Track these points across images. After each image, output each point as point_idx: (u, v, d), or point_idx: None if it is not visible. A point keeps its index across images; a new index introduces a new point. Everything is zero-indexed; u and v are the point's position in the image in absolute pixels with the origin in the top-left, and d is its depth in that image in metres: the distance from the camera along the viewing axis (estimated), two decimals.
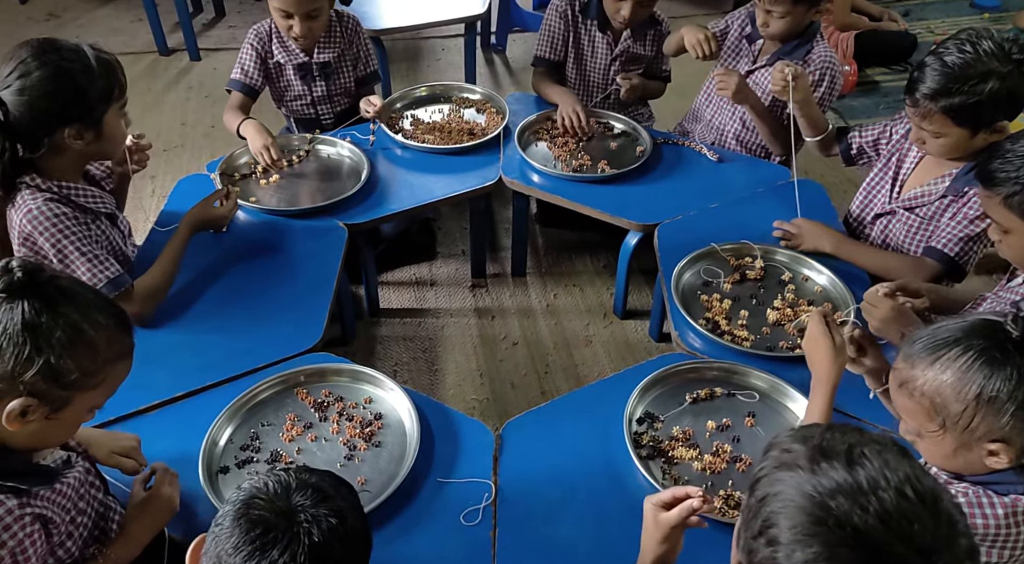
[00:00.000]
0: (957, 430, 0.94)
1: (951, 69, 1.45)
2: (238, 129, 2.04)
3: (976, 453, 0.95)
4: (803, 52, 2.03)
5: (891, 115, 3.15)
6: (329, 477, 0.88)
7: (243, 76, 2.13)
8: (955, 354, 0.92)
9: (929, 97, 1.48)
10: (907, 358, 0.98)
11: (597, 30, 2.28)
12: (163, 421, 1.41)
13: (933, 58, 1.49)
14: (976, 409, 0.91)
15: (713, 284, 1.71)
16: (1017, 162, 1.21)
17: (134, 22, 3.78)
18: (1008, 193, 1.22)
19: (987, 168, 1.26)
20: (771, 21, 1.97)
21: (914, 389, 0.96)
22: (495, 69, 3.57)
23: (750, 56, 2.14)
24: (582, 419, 1.42)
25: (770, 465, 0.72)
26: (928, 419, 0.96)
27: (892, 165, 1.79)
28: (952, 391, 0.92)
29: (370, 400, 1.45)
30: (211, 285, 1.68)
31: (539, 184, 2.05)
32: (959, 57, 1.45)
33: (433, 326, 2.29)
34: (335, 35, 2.15)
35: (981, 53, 1.44)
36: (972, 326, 0.93)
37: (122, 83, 1.48)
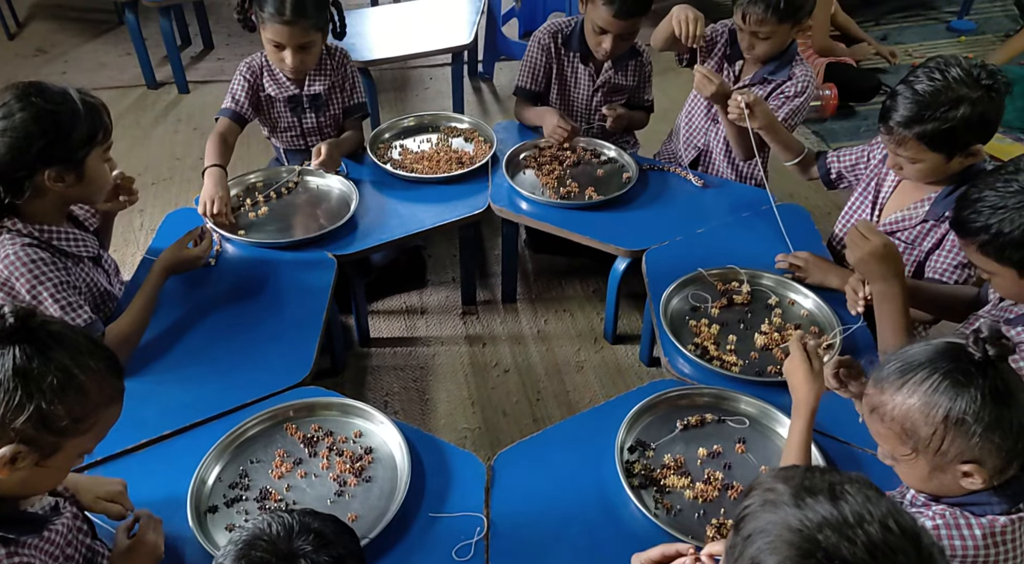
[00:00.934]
0: (929, 453, 0.95)
1: (922, 97, 1.48)
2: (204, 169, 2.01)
3: (950, 475, 0.96)
4: (786, 71, 2.07)
5: (872, 138, 3.23)
6: (333, 522, 0.88)
7: (233, 104, 2.14)
8: (921, 378, 0.93)
9: (903, 124, 1.51)
10: (876, 383, 0.99)
11: (579, 62, 2.31)
12: (151, 460, 1.39)
13: (904, 86, 1.53)
14: (945, 432, 0.92)
15: (701, 309, 1.72)
16: (987, 212, 1.23)
17: (122, 56, 3.80)
18: (982, 242, 1.25)
19: (959, 218, 1.29)
20: (757, 43, 2.01)
21: (884, 414, 0.98)
22: (482, 97, 3.61)
23: (730, 76, 2.17)
24: (573, 448, 1.42)
25: (755, 504, 0.73)
26: (900, 443, 0.97)
27: (871, 190, 1.81)
28: (920, 415, 0.94)
29: (360, 434, 1.44)
30: (199, 319, 1.68)
31: (527, 211, 2.06)
32: (929, 85, 1.48)
33: (424, 355, 2.28)
34: (325, 68, 2.17)
35: (950, 80, 1.47)
36: (937, 349, 0.94)
37: (107, 126, 1.49)
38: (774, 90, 2.10)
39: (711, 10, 4.13)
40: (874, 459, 1.35)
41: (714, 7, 4.19)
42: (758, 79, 2.10)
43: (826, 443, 1.39)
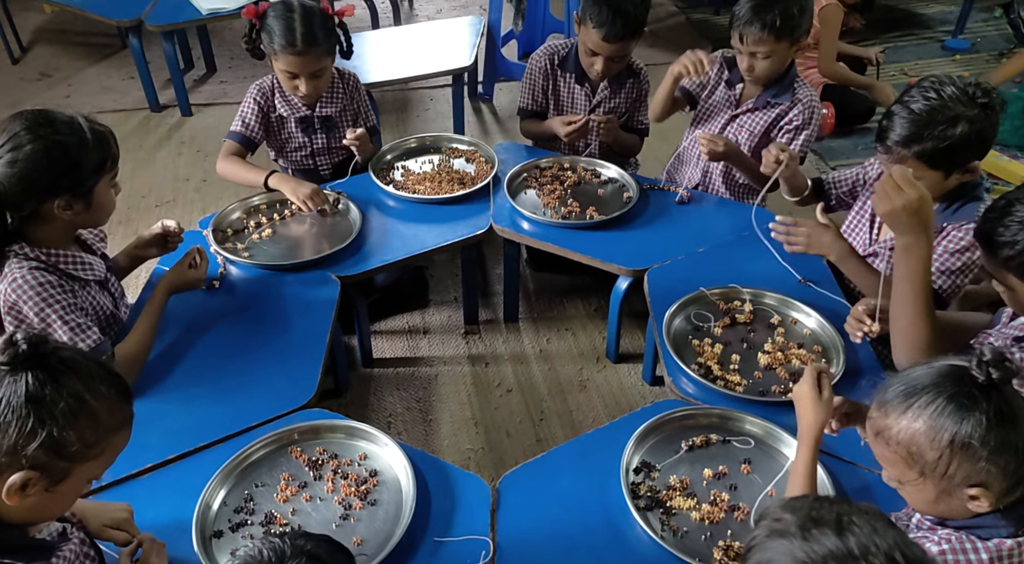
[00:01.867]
0: (935, 477, 0.95)
1: (919, 115, 1.50)
2: (266, 182, 2.06)
3: (957, 498, 0.96)
4: (788, 94, 2.09)
5: (870, 156, 3.25)
6: (326, 543, 0.87)
7: (243, 128, 2.17)
8: (925, 401, 0.94)
9: (901, 143, 1.53)
10: (880, 406, 0.99)
11: (575, 82, 2.34)
12: (155, 485, 1.39)
13: (900, 106, 1.54)
14: (951, 456, 0.92)
15: (704, 328, 1.72)
16: (1015, 227, 1.23)
17: (125, 79, 3.84)
18: (1007, 256, 1.25)
19: (985, 231, 1.28)
20: (756, 64, 2.03)
21: (889, 438, 0.98)
22: (482, 118, 3.64)
23: (731, 101, 2.20)
24: (579, 470, 1.42)
25: (762, 534, 0.74)
26: (907, 467, 0.97)
27: (868, 208, 1.82)
28: (926, 439, 0.94)
29: (365, 456, 1.44)
30: (203, 342, 1.68)
31: (529, 231, 2.07)
32: (925, 104, 1.50)
33: (427, 375, 2.28)
34: (337, 91, 2.20)
35: (946, 98, 1.49)
36: (940, 372, 0.95)
37: (115, 154, 1.51)
38: (778, 117, 2.12)
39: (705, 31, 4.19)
40: (879, 480, 1.35)
41: (707, 28, 4.25)
42: (761, 104, 2.12)
43: (832, 464, 1.39)
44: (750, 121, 2.16)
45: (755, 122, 2.16)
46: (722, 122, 2.22)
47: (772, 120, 2.13)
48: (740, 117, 2.18)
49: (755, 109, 2.14)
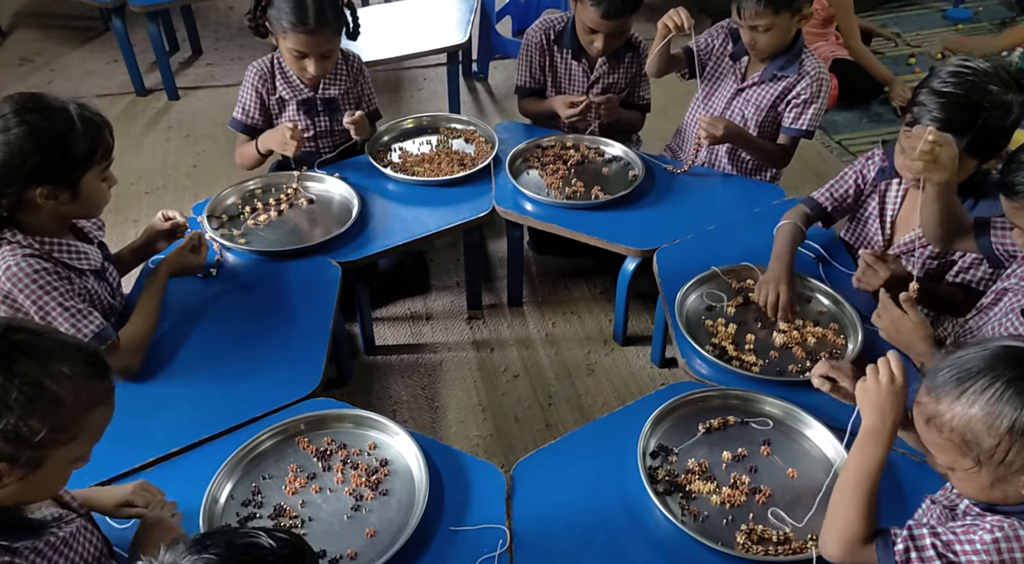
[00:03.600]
0: (992, 465, 0.91)
1: (963, 101, 1.42)
2: (258, 149, 2.08)
3: (1013, 485, 0.93)
4: (795, 66, 2.03)
5: (873, 128, 3.22)
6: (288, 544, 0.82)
7: (244, 117, 2.14)
8: (982, 386, 0.90)
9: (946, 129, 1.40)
10: (931, 391, 0.95)
11: (572, 58, 2.28)
12: (160, 479, 1.33)
13: (932, 94, 1.45)
14: (1011, 442, 0.89)
15: (716, 308, 1.68)
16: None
17: (109, 63, 3.73)
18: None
19: (1010, 180, 1.24)
20: (758, 38, 1.97)
21: (942, 425, 0.94)
22: (478, 97, 3.57)
23: (736, 74, 2.14)
24: (594, 455, 1.39)
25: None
26: (961, 455, 0.94)
27: (875, 209, 1.76)
28: (983, 426, 0.90)
29: (374, 446, 1.40)
30: (203, 332, 1.63)
31: (532, 213, 2.02)
32: (965, 89, 1.42)
33: (431, 361, 2.24)
34: (341, 73, 2.14)
35: (988, 84, 1.42)
36: (995, 355, 0.91)
37: (107, 144, 1.45)
38: (785, 90, 2.06)
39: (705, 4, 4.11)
40: (904, 460, 1.32)
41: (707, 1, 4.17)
42: (768, 76, 2.07)
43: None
44: (756, 95, 2.11)
45: (761, 96, 2.11)
46: (728, 96, 2.17)
47: (779, 93, 2.08)
48: (746, 91, 2.13)
49: (761, 82, 2.09)
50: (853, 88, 3.26)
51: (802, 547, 1.21)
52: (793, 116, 2.07)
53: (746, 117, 2.14)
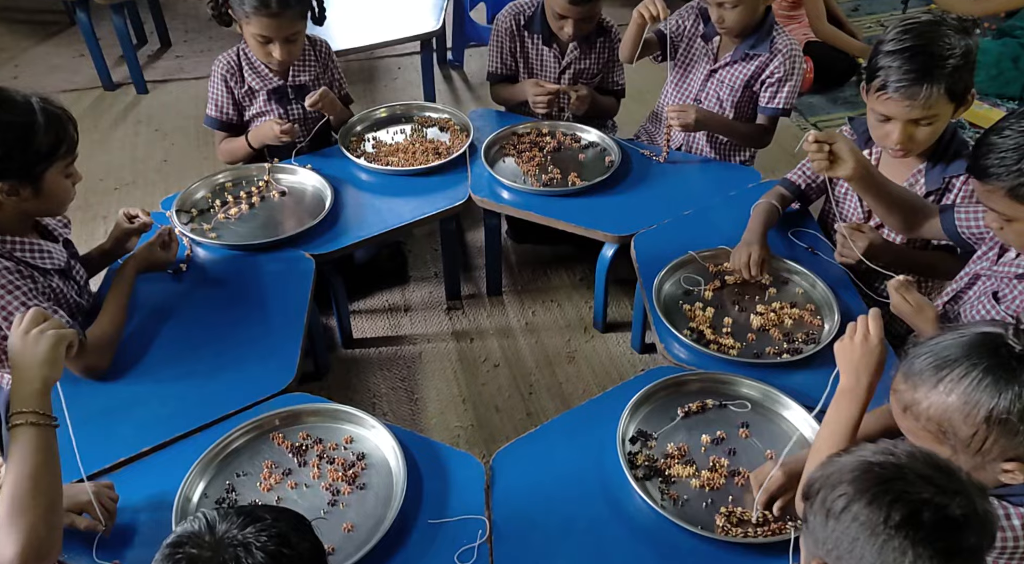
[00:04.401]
0: (969, 453, 0.91)
1: (923, 50, 1.43)
2: (250, 145, 2.07)
3: (990, 472, 0.92)
4: (767, 45, 2.02)
5: (848, 110, 3.22)
6: (267, 506, 0.86)
7: (218, 113, 2.11)
8: (958, 374, 0.89)
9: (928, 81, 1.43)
10: (908, 379, 0.94)
11: (543, 44, 2.26)
12: (130, 479, 1.32)
13: (892, 56, 1.46)
14: (987, 432, 0.88)
15: (694, 292, 1.68)
16: (1013, 155, 1.18)
17: (75, 58, 3.64)
18: (1012, 185, 1.19)
19: (983, 164, 1.23)
20: (725, 15, 1.95)
21: (919, 414, 0.93)
22: (453, 85, 3.53)
23: (709, 55, 2.13)
24: (574, 442, 1.38)
25: (812, 477, 0.84)
26: (938, 443, 0.93)
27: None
28: (960, 414, 0.89)
29: (351, 440, 1.38)
30: (173, 329, 1.60)
31: (509, 200, 2.00)
32: (919, 40, 1.44)
33: (410, 353, 2.22)
34: (309, 59, 2.10)
35: (937, 26, 1.45)
36: (972, 342, 0.90)
37: (71, 140, 1.41)
38: (758, 69, 2.05)
39: None
40: None
41: None
42: (740, 56, 2.06)
43: None
44: (730, 75, 2.10)
45: (734, 76, 2.09)
46: (701, 78, 2.15)
47: (752, 73, 2.06)
48: (719, 71, 2.11)
49: (733, 62, 2.08)
50: (828, 69, 3.26)
51: (781, 528, 1.21)
52: (769, 95, 2.06)
53: (721, 98, 2.13)
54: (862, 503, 0.76)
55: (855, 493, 0.77)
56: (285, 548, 0.77)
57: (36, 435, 1.02)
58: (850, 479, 0.78)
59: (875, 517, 0.75)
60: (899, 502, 0.75)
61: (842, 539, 0.77)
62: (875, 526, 0.75)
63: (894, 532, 0.74)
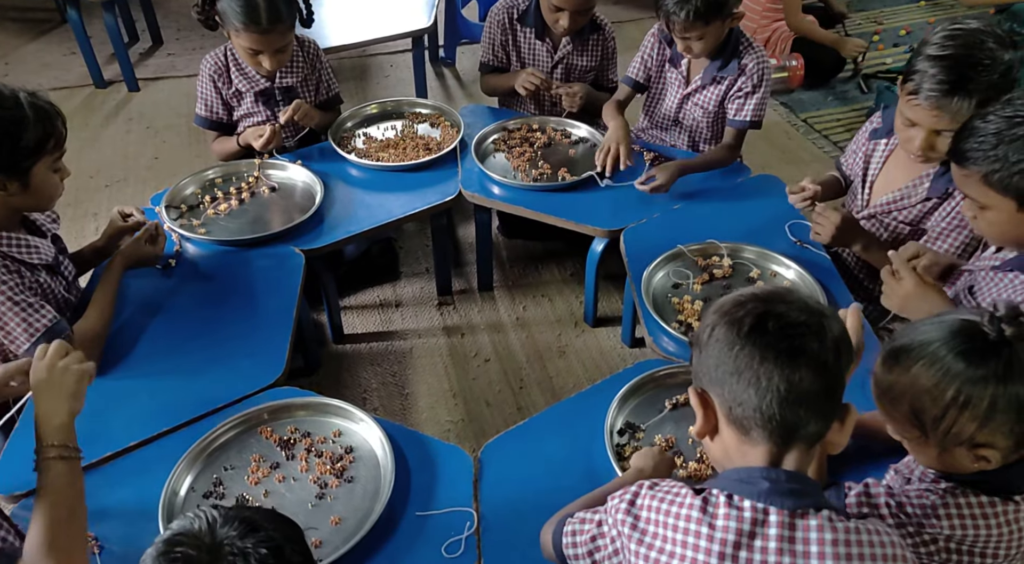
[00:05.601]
0: (938, 435, 0.91)
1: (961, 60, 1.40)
2: (239, 144, 2.07)
3: (960, 456, 0.93)
4: (734, 64, 1.98)
5: (839, 106, 3.24)
6: (265, 512, 0.84)
7: (208, 113, 2.11)
8: (930, 358, 0.89)
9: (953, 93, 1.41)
10: (884, 362, 0.95)
11: (536, 38, 2.26)
12: (117, 473, 1.32)
13: (930, 61, 1.42)
14: (955, 414, 0.88)
15: (683, 286, 1.68)
16: (992, 140, 1.18)
17: (67, 55, 3.64)
18: (987, 171, 1.19)
19: (962, 148, 1.23)
20: (692, 45, 1.91)
21: (892, 396, 0.94)
22: (446, 82, 3.53)
23: (679, 80, 2.10)
24: (562, 435, 1.38)
25: (702, 313, 0.90)
26: (909, 424, 0.94)
27: (859, 164, 1.76)
28: (929, 396, 0.89)
29: (339, 433, 1.38)
30: (162, 324, 1.60)
31: (500, 196, 2.01)
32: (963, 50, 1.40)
33: (401, 348, 2.22)
34: (297, 60, 2.10)
35: (982, 40, 1.41)
36: (950, 327, 0.90)
37: (59, 134, 1.41)
38: (728, 87, 2.02)
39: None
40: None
41: None
42: (708, 79, 2.03)
43: None
44: (703, 98, 2.08)
45: (707, 99, 2.07)
46: (676, 102, 2.13)
47: (723, 93, 2.04)
48: (692, 96, 2.09)
49: (704, 86, 2.06)
50: (817, 62, 3.28)
51: None
52: (735, 107, 2.02)
53: (697, 119, 2.13)
54: (723, 325, 0.86)
55: (719, 318, 0.87)
56: (278, 561, 0.76)
57: (67, 469, 1.07)
58: (718, 309, 0.89)
59: (731, 333, 0.85)
60: (749, 316, 0.85)
61: (709, 361, 0.86)
62: (731, 340, 0.84)
63: (745, 341, 0.83)
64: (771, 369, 0.81)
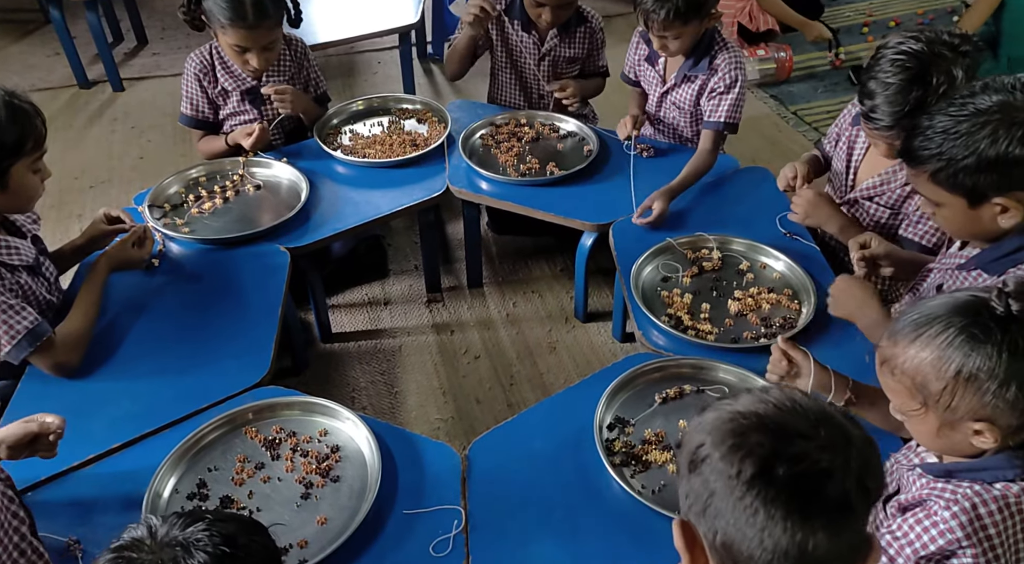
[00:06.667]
0: (939, 409, 0.91)
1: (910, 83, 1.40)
2: (227, 144, 2.04)
3: (960, 433, 0.92)
4: (705, 63, 1.96)
5: (829, 98, 3.23)
6: (216, 510, 0.87)
7: (194, 112, 2.07)
8: (936, 331, 0.89)
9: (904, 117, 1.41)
10: (890, 336, 0.95)
11: (522, 30, 2.24)
12: (100, 475, 1.30)
13: (878, 84, 1.43)
14: (955, 388, 0.88)
15: (672, 279, 1.67)
16: (937, 139, 1.16)
17: (51, 56, 3.60)
18: (934, 169, 1.18)
19: (909, 146, 1.22)
20: (668, 44, 1.90)
21: (895, 367, 0.93)
22: (434, 79, 3.51)
23: (656, 78, 2.09)
24: (551, 431, 1.37)
25: (689, 425, 0.78)
26: (910, 398, 0.93)
27: (844, 150, 1.76)
28: (932, 369, 0.89)
29: (325, 432, 1.37)
30: (146, 325, 1.58)
31: (488, 191, 1.99)
32: (905, 75, 1.40)
33: (390, 347, 2.20)
34: (284, 59, 2.07)
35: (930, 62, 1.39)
36: (957, 303, 0.89)
37: (38, 135, 1.39)
38: (702, 86, 2.00)
39: None
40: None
41: None
42: (680, 78, 2.02)
43: None
44: (679, 97, 2.06)
45: (683, 97, 2.06)
46: (656, 100, 2.13)
47: (698, 90, 2.02)
48: (670, 94, 2.08)
49: (679, 84, 2.05)
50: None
51: None
52: (710, 109, 2.00)
53: (676, 119, 2.12)
54: (717, 456, 0.70)
55: (712, 444, 0.71)
56: (230, 548, 0.75)
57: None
58: (710, 429, 0.72)
59: (728, 471, 0.68)
60: (751, 456, 0.68)
61: (700, 494, 0.71)
62: (728, 481, 0.68)
63: (746, 489, 0.67)
64: (778, 531, 0.66)
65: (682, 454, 0.75)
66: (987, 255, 1.24)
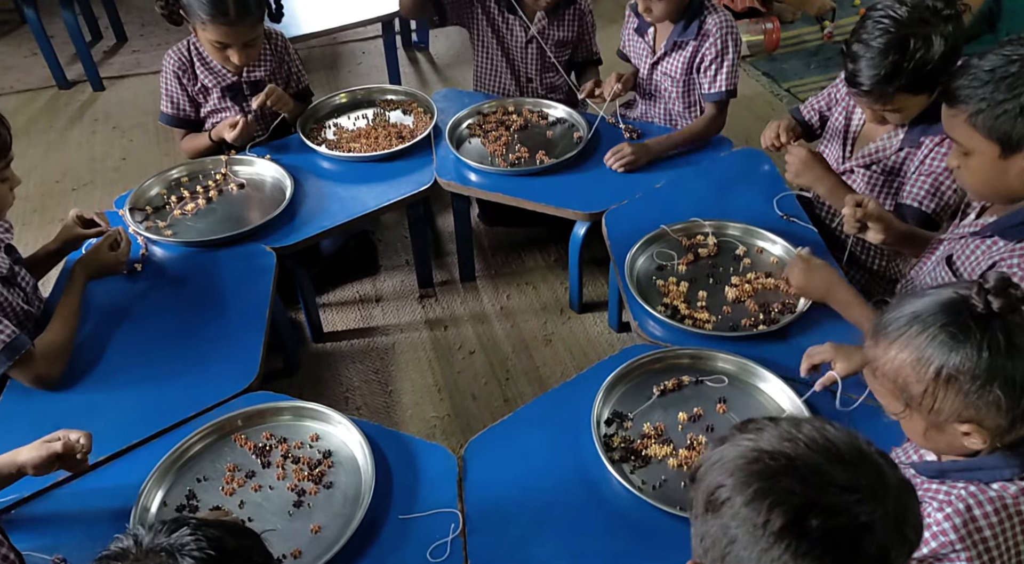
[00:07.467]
0: (922, 411, 0.87)
1: (887, 51, 1.39)
2: (211, 140, 2.00)
3: (949, 434, 0.88)
4: (695, 28, 1.93)
5: (822, 74, 3.18)
6: (201, 517, 0.82)
7: (174, 110, 2.02)
8: (915, 331, 0.85)
9: (880, 84, 1.42)
10: (874, 335, 0.91)
11: (508, 12, 2.18)
12: (85, 489, 1.26)
13: (862, 46, 1.43)
14: (936, 389, 0.84)
15: (668, 267, 1.63)
16: (984, 77, 1.13)
17: (28, 57, 3.53)
18: (974, 111, 1.14)
19: (953, 86, 1.18)
20: (652, 5, 1.87)
21: (876, 369, 0.90)
22: (420, 68, 3.45)
23: (647, 49, 2.06)
24: (548, 428, 1.33)
25: (704, 457, 0.71)
26: (894, 399, 0.90)
27: (840, 124, 1.73)
28: (912, 371, 0.86)
29: (317, 437, 1.33)
30: (128, 332, 1.53)
31: (477, 183, 1.95)
32: (888, 36, 1.39)
33: (383, 344, 2.17)
34: (265, 54, 2.02)
35: (909, 22, 1.38)
36: (939, 301, 0.86)
37: (4, 141, 1.34)
38: (694, 54, 1.96)
39: None
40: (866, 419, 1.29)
41: None
42: (671, 46, 1.98)
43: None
44: (669, 66, 2.02)
45: (673, 66, 2.02)
46: (646, 72, 2.09)
47: (689, 59, 1.98)
48: (660, 64, 2.05)
49: (668, 53, 2.01)
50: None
51: None
52: (708, 80, 1.97)
53: (667, 90, 2.08)
54: (740, 501, 0.63)
55: (735, 487, 0.64)
56: (216, 551, 0.73)
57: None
58: (732, 469, 0.65)
59: (754, 519, 0.62)
60: (781, 505, 0.62)
61: (719, 538, 0.65)
62: (754, 530, 0.62)
63: (774, 540, 0.61)
64: None
65: (698, 491, 0.69)
66: (1006, 221, 1.20)
